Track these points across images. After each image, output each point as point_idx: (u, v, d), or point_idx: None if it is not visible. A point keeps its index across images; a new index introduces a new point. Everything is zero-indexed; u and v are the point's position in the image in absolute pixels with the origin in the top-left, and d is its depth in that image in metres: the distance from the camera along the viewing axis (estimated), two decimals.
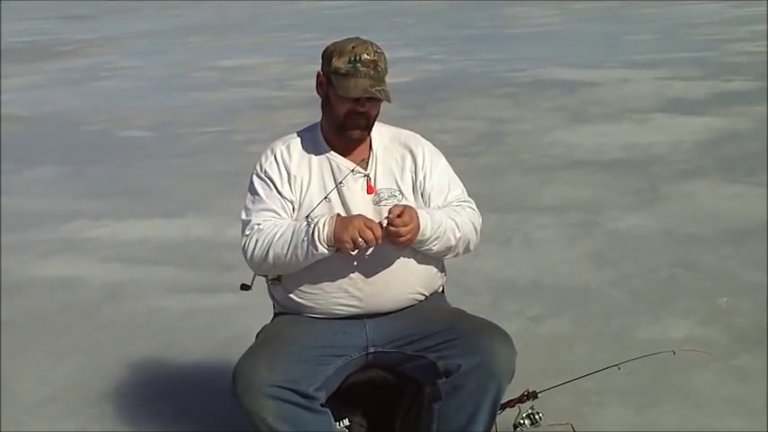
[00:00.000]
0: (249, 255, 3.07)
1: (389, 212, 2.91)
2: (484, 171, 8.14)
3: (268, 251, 3.00)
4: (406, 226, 2.88)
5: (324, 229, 2.90)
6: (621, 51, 16.31)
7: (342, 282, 3.05)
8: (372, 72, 2.98)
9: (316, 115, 3.20)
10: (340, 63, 2.99)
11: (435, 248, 3.06)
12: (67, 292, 5.89)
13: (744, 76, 12.72)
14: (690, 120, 10.14)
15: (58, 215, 7.79)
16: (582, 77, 13.53)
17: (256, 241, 3.03)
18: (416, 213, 2.95)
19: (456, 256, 3.19)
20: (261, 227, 3.04)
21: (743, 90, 11.75)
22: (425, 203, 3.13)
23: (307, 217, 3.02)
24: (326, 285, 3.06)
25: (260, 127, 11.06)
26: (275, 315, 3.25)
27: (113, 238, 7.10)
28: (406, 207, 2.93)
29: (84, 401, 4.29)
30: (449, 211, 3.12)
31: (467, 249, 3.19)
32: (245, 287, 3.23)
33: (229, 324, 4.88)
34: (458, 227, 3.10)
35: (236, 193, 3.23)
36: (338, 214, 2.97)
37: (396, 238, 2.90)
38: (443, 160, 3.25)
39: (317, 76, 3.10)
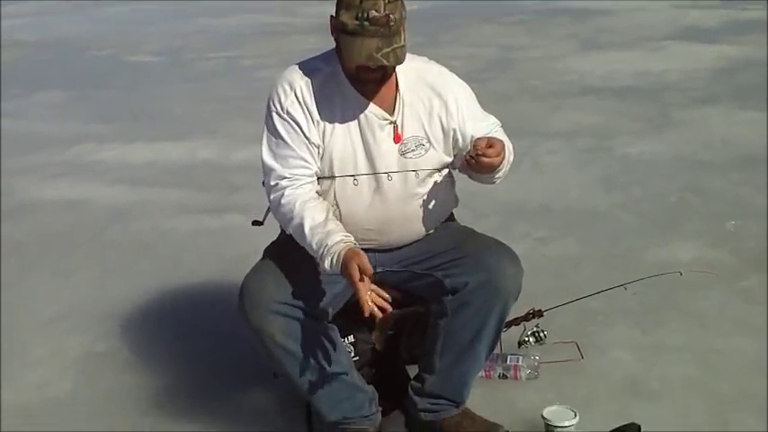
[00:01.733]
0: (275, 216, 3.00)
1: (475, 145, 2.80)
2: (494, 97, 7.98)
3: (290, 231, 2.92)
4: (498, 156, 2.80)
5: (334, 269, 2.76)
6: None
7: (360, 234, 2.95)
8: (382, 30, 2.68)
9: (325, 41, 2.98)
10: (347, 18, 2.72)
11: (501, 174, 2.99)
12: (75, 214, 5.88)
13: (759, 5, 12.58)
14: (704, 48, 10.10)
15: (66, 138, 7.78)
16: (594, 5, 13.40)
17: (283, 216, 2.92)
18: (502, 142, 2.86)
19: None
20: (285, 204, 2.89)
21: (758, 18, 11.63)
22: (455, 145, 3.00)
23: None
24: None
25: (268, 53, 10.98)
26: (282, 232, 3.18)
27: (120, 160, 7.09)
28: (490, 138, 2.83)
29: (91, 319, 4.30)
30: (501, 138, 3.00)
31: None
32: (257, 223, 3.20)
33: (236, 244, 4.85)
34: (510, 152, 3.02)
35: (243, 117, 3.17)
36: (347, 252, 2.73)
37: (489, 168, 2.83)
38: (471, 95, 3.07)
39: (330, 20, 2.86)
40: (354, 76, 2.85)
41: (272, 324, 2.80)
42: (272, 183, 2.92)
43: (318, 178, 2.94)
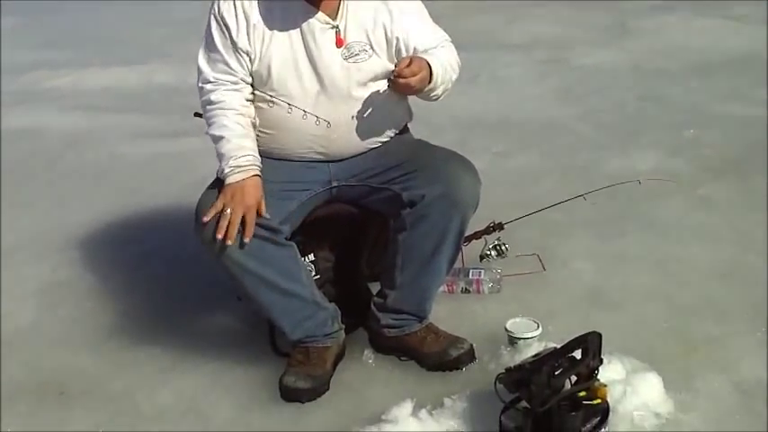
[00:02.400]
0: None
1: (397, 63, 2.78)
2: (448, 10, 7.95)
3: (209, 133, 2.94)
4: (414, 75, 2.77)
5: (227, 176, 2.81)
6: None
7: (307, 141, 2.97)
8: None
9: None
10: None
11: (440, 92, 2.97)
12: (30, 142, 5.88)
13: None
14: None
15: (18, 66, 7.72)
16: None
17: (207, 119, 2.95)
18: (426, 62, 2.82)
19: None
20: (208, 105, 2.93)
21: None
22: (397, 54, 2.95)
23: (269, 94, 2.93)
24: (292, 142, 2.98)
25: None
26: None
27: (74, 87, 7.08)
28: (414, 57, 2.80)
29: (51, 248, 4.28)
30: (441, 55, 2.97)
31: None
32: (198, 115, 3.16)
33: (194, 168, 4.80)
34: (453, 69, 3.01)
35: (198, 39, 3.09)
36: (254, 176, 2.83)
37: (406, 89, 2.83)
38: (420, 5, 3.04)
39: None
40: None
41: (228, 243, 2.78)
42: (200, 84, 2.96)
43: (255, 87, 2.95)
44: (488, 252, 3.73)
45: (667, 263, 3.66)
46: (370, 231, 3.26)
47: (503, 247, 3.73)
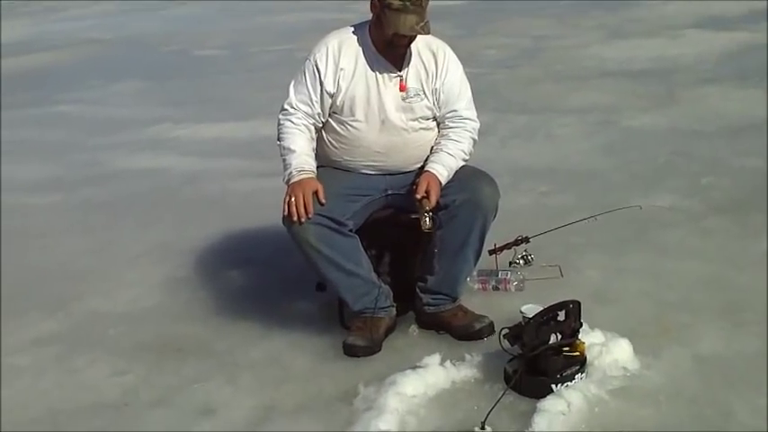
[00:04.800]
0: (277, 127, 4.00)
1: (416, 192, 3.73)
2: (520, 80, 8.96)
3: (278, 143, 3.96)
4: (434, 196, 3.73)
5: (292, 178, 3.77)
6: None
7: (370, 156, 3.92)
8: (419, 9, 3.61)
9: None
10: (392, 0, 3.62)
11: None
12: (153, 179, 6.92)
13: None
14: (719, 34, 10.90)
15: (144, 120, 8.81)
16: None
17: (279, 130, 3.96)
18: (436, 181, 3.77)
19: None
20: (287, 122, 3.90)
21: None
22: (437, 103, 3.92)
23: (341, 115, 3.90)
24: (357, 156, 3.93)
25: None
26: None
27: (192, 137, 8.12)
28: (426, 182, 3.75)
29: (170, 255, 5.27)
30: (456, 148, 3.90)
31: None
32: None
33: None
34: (465, 154, 3.95)
35: None
36: (310, 178, 3.76)
37: (431, 207, 3.74)
38: (459, 71, 3.99)
39: (371, 1, 3.73)
40: (389, 42, 3.79)
41: (307, 231, 3.72)
42: (284, 106, 3.92)
43: (335, 114, 3.90)
44: (517, 261, 4.60)
45: (660, 274, 4.44)
46: (422, 239, 4.01)
47: (529, 257, 4.60)
